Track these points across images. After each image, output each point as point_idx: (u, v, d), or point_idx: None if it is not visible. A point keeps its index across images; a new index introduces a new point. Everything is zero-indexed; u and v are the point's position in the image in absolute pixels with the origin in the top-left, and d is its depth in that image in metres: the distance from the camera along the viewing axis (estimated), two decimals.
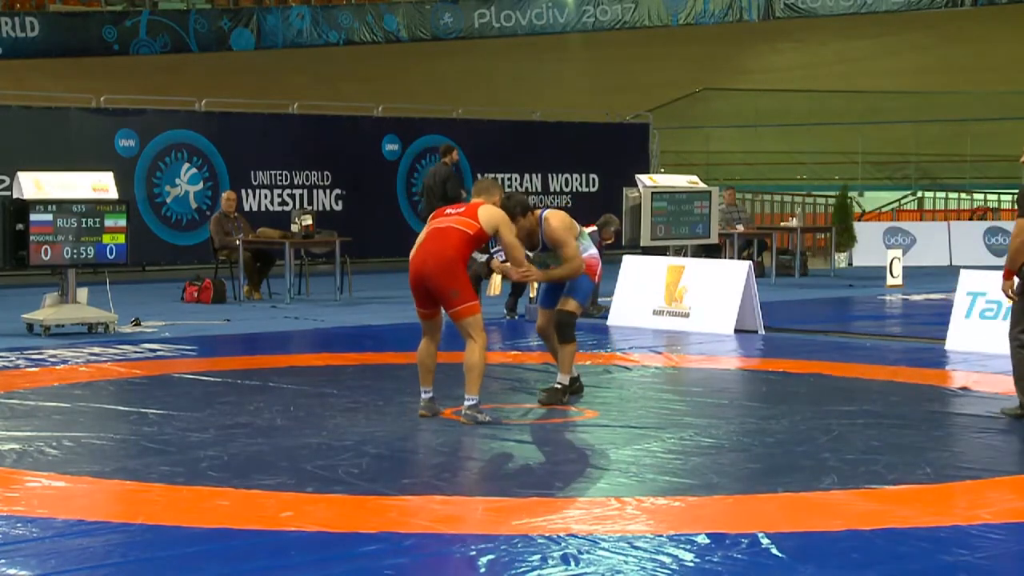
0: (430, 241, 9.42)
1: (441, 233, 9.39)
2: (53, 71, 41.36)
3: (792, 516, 7.11)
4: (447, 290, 9.32)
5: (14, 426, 9.28)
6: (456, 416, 9.65)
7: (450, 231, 9.36)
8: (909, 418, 9.81)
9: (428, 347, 9.72)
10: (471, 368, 9.39)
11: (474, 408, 9.40)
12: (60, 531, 6.68)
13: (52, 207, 14.40)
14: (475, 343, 9.39)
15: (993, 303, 13.50)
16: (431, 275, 9.33)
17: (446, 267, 9.29)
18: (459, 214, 9.48)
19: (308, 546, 6.49)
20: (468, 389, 9.43)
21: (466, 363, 9.42)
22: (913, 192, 33.61)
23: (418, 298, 9.56)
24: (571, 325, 10.24)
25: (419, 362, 9.73)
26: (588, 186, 26.71)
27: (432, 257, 9.33)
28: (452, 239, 9.33)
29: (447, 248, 9.31)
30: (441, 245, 9.33)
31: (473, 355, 9.38)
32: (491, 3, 47.62)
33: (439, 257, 9.31)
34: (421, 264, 9.39)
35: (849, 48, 44.08)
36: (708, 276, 15.38)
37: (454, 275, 9.32)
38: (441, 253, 9.31)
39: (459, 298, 9.33)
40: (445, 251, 9.31)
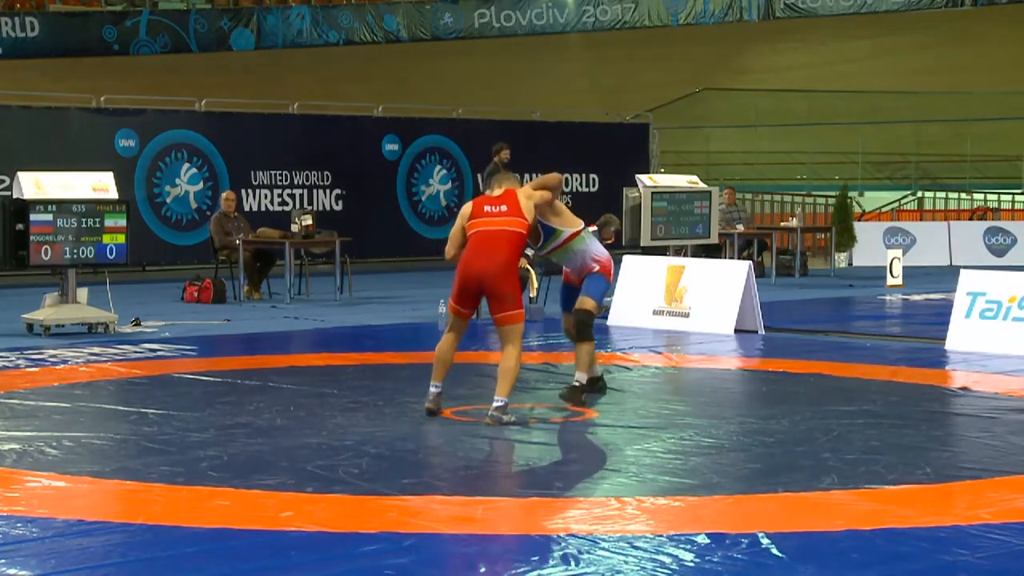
0: (485, 244, 9.52)
1: (494, 237, 9.52)
2: (53, 71, 41.36)
3: (792, 516, 7.11)
4: (504, 294, 9.47)
5: (14, 426, 9.28)
6: (456, 416, 9.65)
7: (502, 236, 9.52)
8: (909, 418, 9.81)
9: (452, 343, 9.76)
10: (507, 371, 9.47)
11: (501, 410, 9.43)
12: (60, 531, 6.68)
13: (52, 207, 14.40)
14: (514, 349, 9.52)
15: (993, 303, 13.50)
16: (492, 277, 9.46)
17: (506, 271, 9.50)
18: (504, 214, 9.59)
19: (308, 546, 6.49)
20: (500, 390, 9.47)
21: (503, 366, 9.50)
22: (913, 192, 33.60)
23: (464, 298, 9.64)
24: (589, 324, 10.31)
25: (438, 356, 9.72)
26: (588, 186, 26.71)
27: (492, 261, 9.46)
28: (508, 243, 9.53)
29: (504, 252, 9.50)
30: (499, 250, 9.49)
31: (511, 360, 9.49)
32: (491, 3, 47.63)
33: (498, 262, 9.47)
34: (482, 267, 9.47)
35: (849, 48, 44.08)
36: (708, 276, 15.38)
37: (511, 280, 9.54)
38: (500, 258, 9.48)
39: (511, 303, 9.49)
40: (503, 255, 9.49)
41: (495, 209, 9.63)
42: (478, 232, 9.58)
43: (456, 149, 25.62)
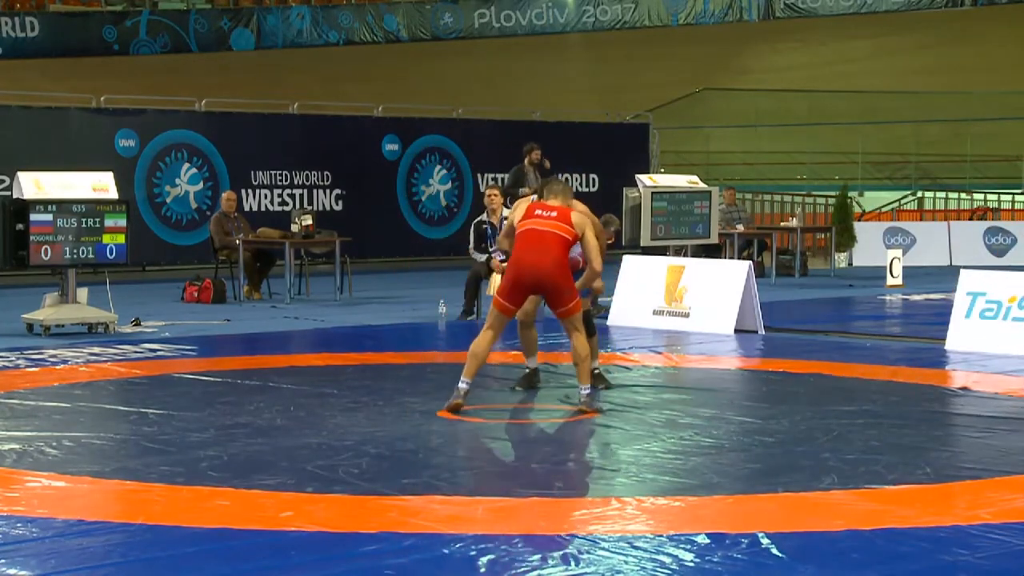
0: (535, 242, 9.79)
1: (543, 237, 9.79)
2: (53, 71, 41.36)
3: (792, 516, 7.11)
4: (563, 290, 9.78)
5: (14, 426, 9.29)
6: (457, 416, 9.66)
7: (551, 236, 9.78)
8: (909, 418, 9.81)
9: (490, 341, 9.93)
10: (583, 359, 9.88)
11: (590, 396, 9.84)
12: (60, 531, 6.68)
13: (52, 207, 14.40)
14: (581, 335, 9.91)
15: (993, 303, 13.50)
16: (549, 275, 9.74)
17: (561, 268, 9.79)
18: (554, 219, 9.86)
19: (308, 546, 6.50)
20: (582, 379, 9.89)
21: (577, 355, 9.88)
22: (913, 192, 33.59)
23: (515, 294, 9.85)
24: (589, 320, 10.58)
25: (473, 352, 9.85)
26: (588, 186, 26.71)
27: (544, 257, 9.74)
28: (558, 244, 9.79)
29: (556, 252, 9.78)
30: (550, 249, 9.76)
31: (583, 348, 9.90)
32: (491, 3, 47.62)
33: (552, 259, 9.75)
34: (536, 263, 9.74)
35: (849, 48, 44.07)
36: (708, 276, 15.38)
37: (567, 276, 9.85)
38: (551, 255, 9.76)
39: (570, 296, 9.81)
40: (555, 254, 9.78)
41: (545, 214, 9.90)
42: (528, 230, 9.86)
43: (456, 149, 25.62)
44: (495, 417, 9.79)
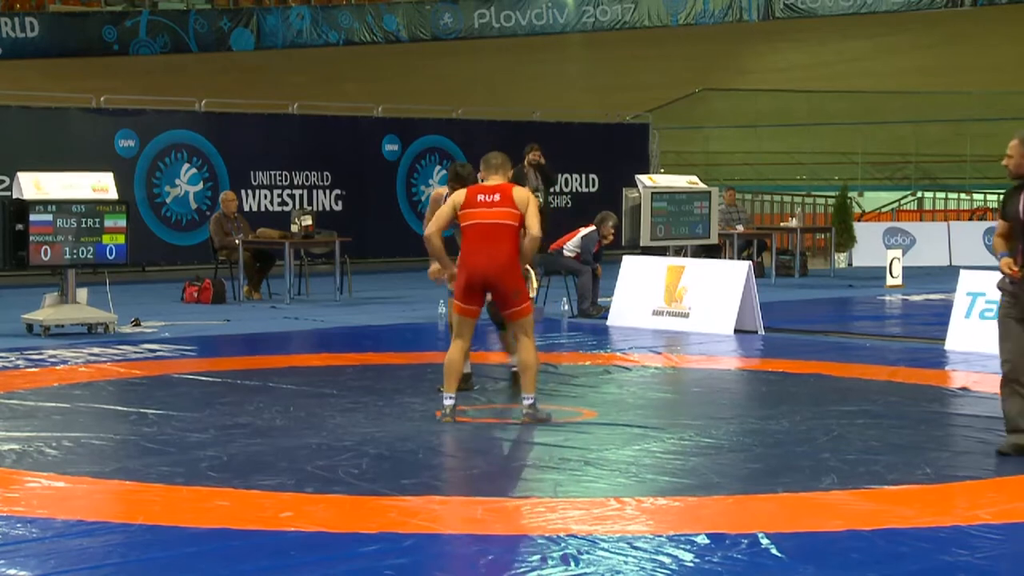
0: (485, 239, 9.43)
1: (495, 231, 9.43)
2: (53, 71, 41.38)
3: (792, 516, 7.11)
4: (512, 290, 9.45)
5: (14, 426, 9.28)
6: (456, 417, 9.65)
7: (502, 229, 9.43)
8: (909, 418, 9.81)
9: (462, 350, 9.66)
10: (528, 367, 9.48)
11: (533, 407, 9.46)
12: (60, 531, 6.68)
13: (52, 207, 14.40)
14: (529, 341, 9.53)
15: (993, 303, 13.48)
16: (499, 275, 9.41)
17: (511, 268, 9.44)
18: (498, 204, 9.46)
19: (308, 546, 6.49)
20: (526, 388, 9.49)
21: (523, 362, 9.51)
22: (913, 192, 33.59)
23: (471, 296, 9.54)
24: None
25: (449, 366, 9.57)
26: (588, 186, 26.71)
27: (497, 258, 9.40)
28: (508, 237, 9.44)
29: (507, 248, 9.43)
30: (501, 245, 9.42)
31: (530, 354, 9.50)
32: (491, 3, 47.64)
33: (503, 258, 9.41)
34: (488, 265, 9.41)
35: (849, 48, 44.08)
36: (708, 276, 15.37)
37: (516, 275, 9.49)
38: (505, 254, 9.41)
39: (519, 298, 9.49)
40: (507, 251, 9.43)
41: (488, 199, 9.52)
42: (475, 226, 9.49)
43: (456, 149, 25.61)
44: (494, 417, 9.79)
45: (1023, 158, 8.24)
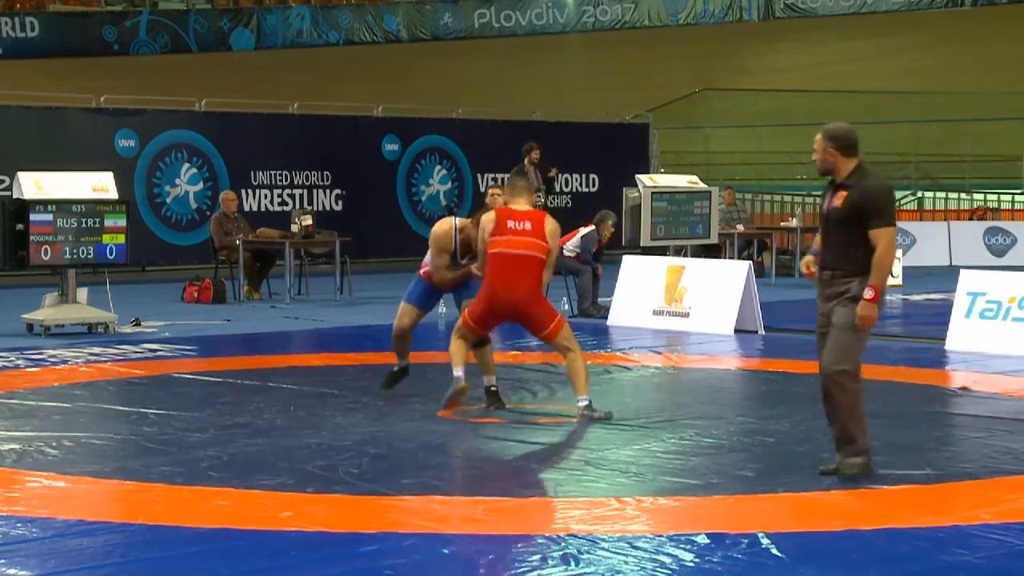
0: (511, 270, 9.59)
1: (519, 263, 9.58)
2: (53, 71, 41.36)
3: (792, 516, 7.11)
4: (537, 315, 9.67)
5: (14, 426, 9.29)
6: (457, 416, 9.66)
7: (530, 261, 9.60)
8: (909, 418, 9.81)
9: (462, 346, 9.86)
10: (578, 373, 9.71)
11: (588, 407, 9.61)
12: (60, 531, 6.68)
13: (52, 207, 14.41)
14: (574, 352, 9.72)
15: (993, 303, 13.50)
16: (523, 305, 9.62)
17: (536, 297, 9.68)
18: (528, 234, 9.60)
19: (308, 546, 6.50)
20: (580, 391, 9.67)
21: (573, 370, 9.72)
22: (913, 192, 33.59)
23: (488, 322, 9.80)
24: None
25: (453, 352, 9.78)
26: (588, 186, 26.71)
27: (521, 290, 9.60)
28: (535, 268, 9.62)
29: (533, 278, 9.63)
30: (527, 276, 9.60)
31: (577, 363, 9.71)
32: (491, 3, 47.63)
33: (527, 290, 9.62)
34: (514, 296, 9.62)
35: (849, 48, 44.06)
36: (708, 276, 15.38)
37: (541, 301, 9.74)
38: (526, 285, 9.61)
39: (547, 318, 9.69)
40: (532, 281, 9.62)
41: (519, 226, 9.64)
42: (502, 255, 9.59)
43: (456, 149, 25.61)
44: (495, 417, 9.79)
45: (824, 152, 7.76)
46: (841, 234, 7.68)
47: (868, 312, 7.58)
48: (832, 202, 7.79)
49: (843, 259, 7.68)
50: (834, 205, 7.76)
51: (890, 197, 7.84)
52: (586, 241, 16.66)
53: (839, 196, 7.75)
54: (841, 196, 7.73)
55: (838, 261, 7.72)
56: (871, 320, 7.61)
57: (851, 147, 7.75)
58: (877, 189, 7.71)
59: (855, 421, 7.75)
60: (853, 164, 7.76)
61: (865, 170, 7.76)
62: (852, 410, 7.74)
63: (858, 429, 7.75)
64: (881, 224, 7.62)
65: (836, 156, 7.74)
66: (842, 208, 7.69)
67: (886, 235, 7.62)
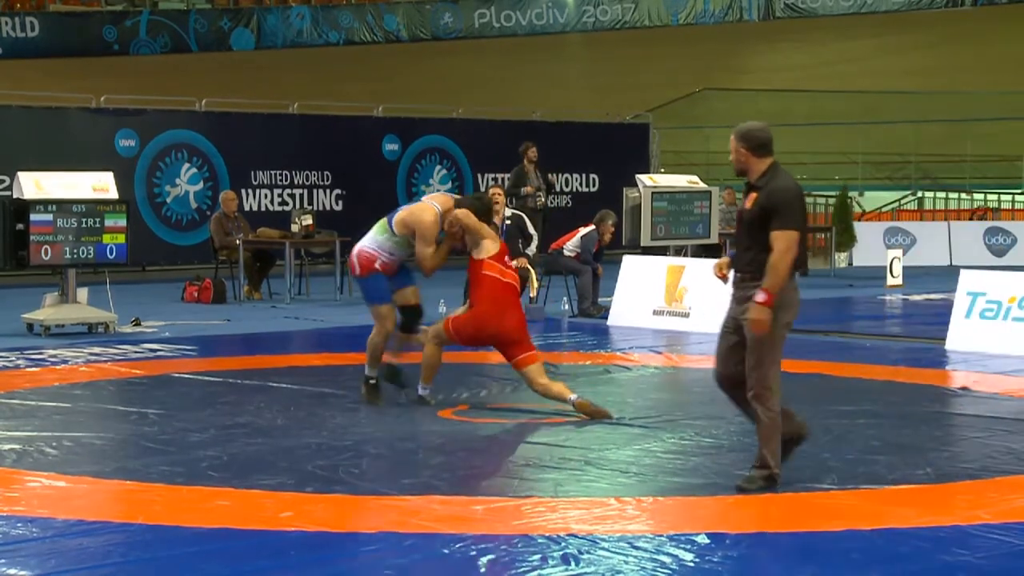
0: (510, 301, 9.98)
1: (514, 294, 10.07)
2: (53, 71, 41.36)
3: (792, 516, 7.11)
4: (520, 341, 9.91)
5: (14, 426, 9.28)
6: (456, 417, 9.66)
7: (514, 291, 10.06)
8: (909, 418, 9.81)
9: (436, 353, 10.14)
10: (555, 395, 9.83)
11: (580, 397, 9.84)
12: (60, 531, 6.68)
13: (52, 207, 14.40)
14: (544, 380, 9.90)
15: (993, 303, 13.50)
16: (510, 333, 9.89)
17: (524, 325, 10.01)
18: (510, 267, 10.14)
19: (308, 546, 6.50)
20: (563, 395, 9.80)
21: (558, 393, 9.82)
22: (913, 192, 33.59)
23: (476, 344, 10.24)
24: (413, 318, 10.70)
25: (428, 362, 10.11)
26: (588, 186, 26.71)
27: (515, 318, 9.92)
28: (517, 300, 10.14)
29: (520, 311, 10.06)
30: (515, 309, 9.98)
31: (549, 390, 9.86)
32: (491, 3, 47.64)
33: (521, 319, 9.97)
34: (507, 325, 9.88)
35: (849, 48, 44.07)
36: (708, 276, 15.32)
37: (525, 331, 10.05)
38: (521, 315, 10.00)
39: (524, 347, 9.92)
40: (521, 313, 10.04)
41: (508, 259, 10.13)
42: (508, 286, 9.96)
43: (456, 149, 25.61)
44: (494, 417, 9.79)
45: (736, 153, 7.51)
46: (751, 237, 7.44)
47: (759, 316, 7.32)
48: (744, 203, 7.61)
49: (753, 262, 7.42)
50: (745, 207, 7.57)
51: (793, 199, 7.45)
52: (586, 241, 16.65)
53: (750, 198, 7.54)
54: (752, 198, 7.52)
55: (748, 264, 7.45)
56: (762, 324, 7.31)
57: (763, 147, 7.49)
58: (781, 190, 7.40)
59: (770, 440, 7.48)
60: (765, 164, 7.49)
61: (777, 171, 7.48)
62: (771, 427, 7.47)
63: (771, 452, 7.45)
64: (781, 226, 7.33)
65: (748, 156, 7.49)
66: (751, 210, 7.47)
67: (784, 238, 7.31)
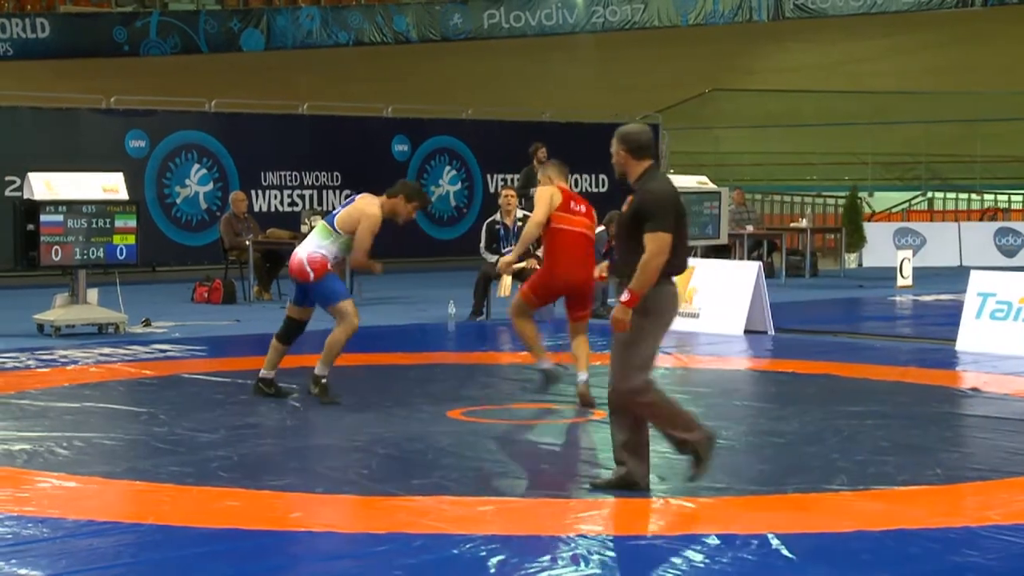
0: (581, 251, 10.17)
1: (586, 243, 10.21)
2: (63, 72, 41.42)
3: (802, 517, 7.10)
4: (588, 295, 10.31)
5: (25, 427, 9.30)
6: (466, 417, 9.67)
7: (589, 242, 10.27)
8: (919, 419, 9.80)
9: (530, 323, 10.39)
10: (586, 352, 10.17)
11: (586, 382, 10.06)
12: (71, 531, 6.69)
13: (62, 208, 14.43)
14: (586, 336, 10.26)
15: (1003, 304, 13.48)
16: (584, 283, 10.19)
17: (591, 276, 10.29)
18: (584, 216, 10.23)
19: (317, 547, 6.50)
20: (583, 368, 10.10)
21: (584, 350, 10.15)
22: (923, 193, 33.54)
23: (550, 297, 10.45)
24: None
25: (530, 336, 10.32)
26: (598, 187, 26.71)
27: (588, 270, 10.22)
28: (591, 249, 10.34)
29: (592, 260, 10.35)
30: (589, 257, 10.26)
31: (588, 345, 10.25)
32: (500, 3, 47.61)
33: (589, 268, 10.26)
34: (585, 276, 10.19)
35: (859, 48, 43.99)
36: (718, 277, 15.37)
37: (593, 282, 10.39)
38: (590, 264, 10.28)
39: (590, 301, 10.38)
40: (591, 262, 10.31)
41: (580, 208, 10.21)
42: (573, 233, 10.11)
43: (466, 150, 25.62)
44: (503, 418, 9.79)
45: (616, 155, 7.36)
46: (627, 239, 7.34)
47: (620, 315, 7.23)
48: (624, 206, 7.59)
49: (630, 265, 7.29)
50: (623, 209, 7.55)
51: (665, 201, 7.28)
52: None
53: (628, 200, 7.49)
54: (628, 200, 7.48)
55: (625, 267, 7.33)
56: (622, 324, 7.24)
57: (641, 149, 7.38)
58: (652, 192, 7.30)
59: (675, 424, 7.40)
60: (643, 167, 7.38)
61: (652, 173, 7.39)
62: (664, 419, 7.40)
63: (681, 428, 7.41)
64: (652, 228, 7.17)
65: (626, 158, 7.38)
66: (626, 213, 7.42)
67: (654, 240, 7.15)
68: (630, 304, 7.24)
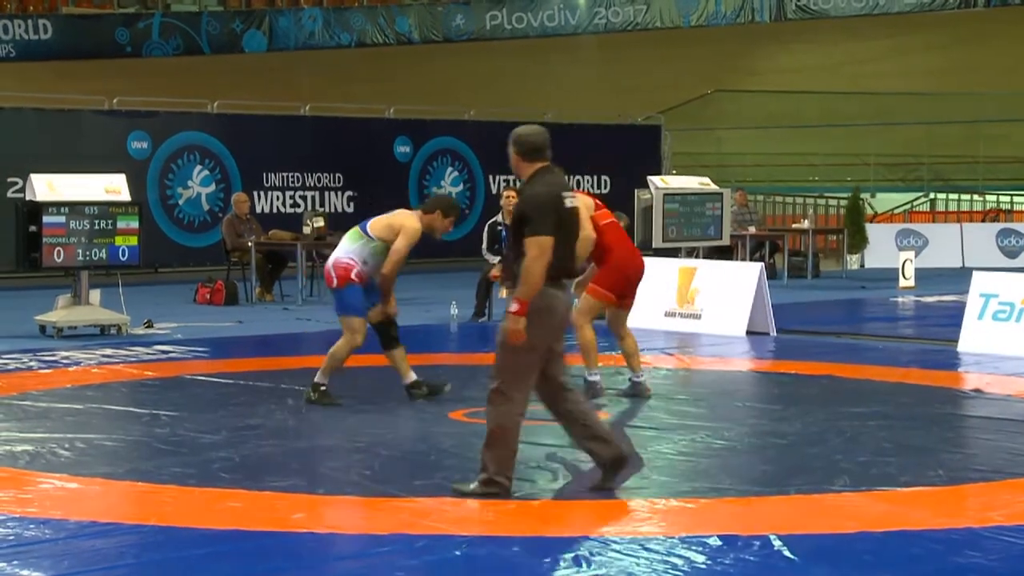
0: (628, 238, 10.79)
1: (622, 229, 10.72)
2: (66, 73, 41.43)
3: (804, 518, 7.10)
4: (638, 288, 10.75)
5: (27, 428, 9.31)
6: (468, 418, 9.67)
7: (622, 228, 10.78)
8: (921, 420, 9.80)
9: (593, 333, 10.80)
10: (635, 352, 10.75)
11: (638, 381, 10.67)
12: (73, 532, 6.69)
13: (65, 209, 14.43)
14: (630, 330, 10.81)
15: (1006, 305, 13.48)
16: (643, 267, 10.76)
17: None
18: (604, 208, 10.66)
19: (320, 548, 6.50)
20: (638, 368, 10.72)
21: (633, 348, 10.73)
22: (925, 194, 33.53)
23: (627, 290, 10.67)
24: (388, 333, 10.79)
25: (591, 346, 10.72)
26: (600, 188, 26.70)
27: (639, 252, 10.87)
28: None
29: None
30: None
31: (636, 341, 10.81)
32: (503, 5, 47.61)
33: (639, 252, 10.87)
34: (639, 257, 10.80)
35: (861, 49, 43.98)
36: (720, 278, 15.37)
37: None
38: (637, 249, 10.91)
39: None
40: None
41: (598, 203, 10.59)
42: (613, 226, 10.53)
43: (468, 151, 25.62)
44: None
45: (511, 157, 7.28)
46: (514, 244, 7.21)
47: (512, 325, 7.03)
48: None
49: (516, 269, 7.13)
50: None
51: (544, 204, 7.12)
52: None
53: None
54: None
55: (513, 271, 7.19)
56: (517, 335, 7.03)
57: (533, 151, 7.26)
58: (529, 195, 7.19)
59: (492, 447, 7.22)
60: (534, 169, 7.26)
61: (538, 177, 7.24)
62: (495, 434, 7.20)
63: (490, 457, 7.20)
64: (531, 232, 7.03)
65: (519, 161, 7.28)
66: (512, 218, 7.29)
67: (534, 244, 7.00)
68: (519, 313, 7.03)
